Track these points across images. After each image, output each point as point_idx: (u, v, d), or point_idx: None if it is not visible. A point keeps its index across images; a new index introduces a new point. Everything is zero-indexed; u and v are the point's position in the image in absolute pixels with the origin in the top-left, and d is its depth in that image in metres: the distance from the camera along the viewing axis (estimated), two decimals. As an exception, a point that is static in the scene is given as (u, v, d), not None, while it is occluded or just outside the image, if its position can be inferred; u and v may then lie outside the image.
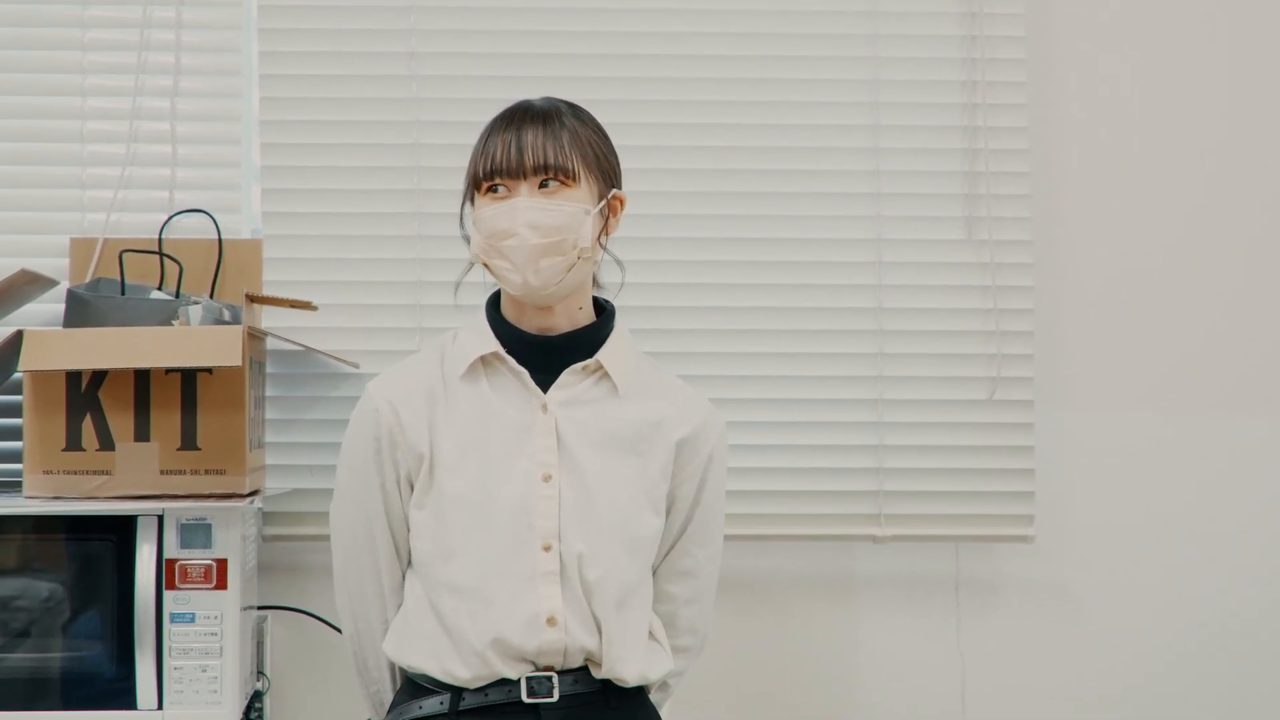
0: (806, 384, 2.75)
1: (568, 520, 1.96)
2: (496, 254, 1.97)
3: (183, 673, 2.30)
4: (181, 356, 2.31)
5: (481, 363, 2.02)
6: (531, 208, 1.96)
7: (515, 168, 1.97)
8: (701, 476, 2.07)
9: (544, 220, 1.96)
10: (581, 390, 2.02)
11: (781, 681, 2.79)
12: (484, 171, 1.98)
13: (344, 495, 2.06)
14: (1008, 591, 2.82)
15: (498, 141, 1.99)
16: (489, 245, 1.98)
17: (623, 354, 2.05)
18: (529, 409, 2.00)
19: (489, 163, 1.98)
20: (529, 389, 2.01)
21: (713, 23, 2.77)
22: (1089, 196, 2.84)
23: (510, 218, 1.96)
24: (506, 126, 2.00)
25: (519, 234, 1.95)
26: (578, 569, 1.95)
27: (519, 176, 1.97)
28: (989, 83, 2.77)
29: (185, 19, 2.74)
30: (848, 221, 2.77)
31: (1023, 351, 2.76)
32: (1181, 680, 2.83)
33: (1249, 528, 2.84)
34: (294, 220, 2.73)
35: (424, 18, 2.75)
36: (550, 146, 1.98)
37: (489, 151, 1.99)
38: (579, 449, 1.98)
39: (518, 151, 1.97)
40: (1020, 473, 2.75)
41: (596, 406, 2.02)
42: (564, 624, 1.94)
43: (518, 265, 1.96)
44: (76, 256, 2.64)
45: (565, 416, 2.00)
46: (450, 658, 1.95)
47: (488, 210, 1.98)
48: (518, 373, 2.01)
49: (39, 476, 2.36)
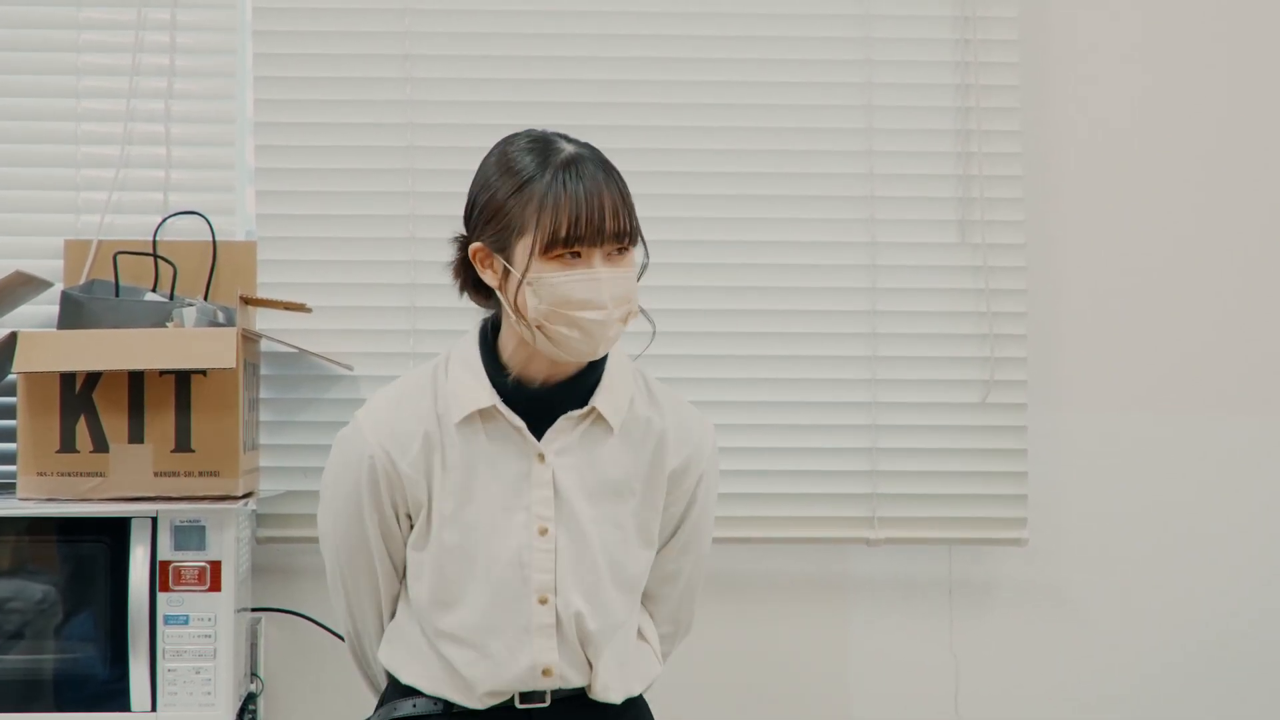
0: (800, 386, 2.75)
1: (564, 573, 1.94)
2: (565, 322, 1.86)
3: (176, 675, 2.31)
4: (176, 358, 2.31)
5: (479, 414, 1.96)
6: (612, 278, 1.87)
7: (597, 235, 1.85)
8: (690, 497, 2.06)
9: (621, 291, 1.88)
10: (576, 436, 1.97)
11: (775, 684, 2.79)
12: (567, 235, 1.84)
13: (336, 523, 2.00)
14: (1001, 594, 2.82)
15: (569, 203, 1.84)
16: (557, 313, 1.86)
17: (617, 391, 1.99)
18: (526, 459, 1.95)
19: (570, 227, 1.84)
20: (526, 440, 1.96)
21: (706, 26, 2.78)
22: (1082, 199, 2.84)
23: (595, 289, 1.85)
24: (574, 181, 1.86)
25: (606, 308, 1.86)
26: (574, 624, 1.94)
27: (597, 244, 1.86)
28: (982, 86, 2.78)
29: (180, 21, 2.74)
30: (841, 224, 2.77)
31: (1016, 354, 2.77)
32: (1176, 682, 2.83)
33: (1243, 529, 2.84)
34: (288, 222, 2.73)
35: (418, 20, 2.75)
36: (623, 211, 1.88)
37: (566, 214, 1.84)
38: (575, 498, 1.95)
39: (601, 219, 1.85)
40: (1013, 475, 2.76)
41: (592, 452, 1.97)
42: (559, 673, 1.95)
43: (592, 337, 1.87)
44: (71, 258, 2.63)
45: (561, 465, 1.95)
46: (447, 689, 1.96)
47: (561, 276, 1.85)
48: (517, 427, 1.95)
49: (33, 478, 2.35)
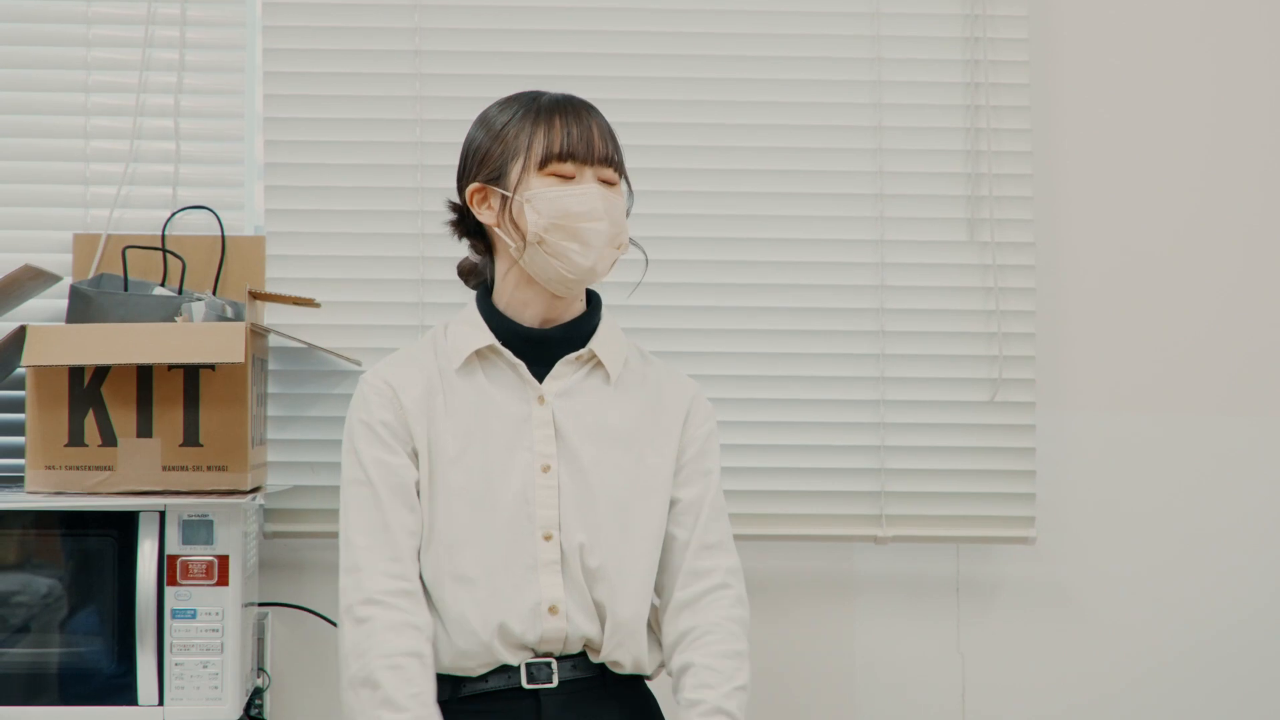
0: (808, 384, 2.76)
1: (568, 510, 1.98)
2: (567, 235, 1.97)
3: (184, 669, 2.30)
4: (184, 353, 2.31)
5: (477, 356, 2.03)
6: (605, 195, 1.99)
7: (587, 154, 1.98)
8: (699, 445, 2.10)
9: (615, 212, 1.99)
10: (576, 380, 2.04)
11: (782, 681, 2.79)
12: (560, 151, 1.97)
13: (346, 458, 2.02)
14: (1008, 592, 2.82)
15: (566, 125, 1.98)
16: (558, 225, 1.96)
17: (613, 344, 2.08)
18: (526, 400, 2.02)
19: (564, 142, 1.97)
20: (525, 381, 2.02)
21: (716, 23, 2.78)
22: (1091, 198, 2.84)
23: (590, 201, 1.97)
24: (563, 111, 2.00)
25: (603, 219, 1.97)
26: (579, 557, 1.97)
27: (588, 163, 1.98)
28: (991, 84, 2.78)
29: (190, 16, 2.74)
30: (850, 222, 2.78)
31: (1024, 353, 2.77)
32: (1181, 680, 2.83)
33: (1250, 528, 2.84)
34: (297, 217, 2.73)
35: (428, 16, 2.75)
36: (610, 139, 2.02)
37: (561, 133, 1.98)
38: (576, 440, 2.00)
39: (590, 139, 1.99)
40: (1021, 474, 2.76)
41: (592, 397, 2.04)
42: (565, 612, 1.96)
43: (593, 248, 1.97)
44: (80, 252, 2.64)
45: (562, 407, 2.02)
46: (452, 650, 1.97)
47: (557, 190, 1.97)
48: (514, 365, 2.02)
49: (41, 472, 2.36)
